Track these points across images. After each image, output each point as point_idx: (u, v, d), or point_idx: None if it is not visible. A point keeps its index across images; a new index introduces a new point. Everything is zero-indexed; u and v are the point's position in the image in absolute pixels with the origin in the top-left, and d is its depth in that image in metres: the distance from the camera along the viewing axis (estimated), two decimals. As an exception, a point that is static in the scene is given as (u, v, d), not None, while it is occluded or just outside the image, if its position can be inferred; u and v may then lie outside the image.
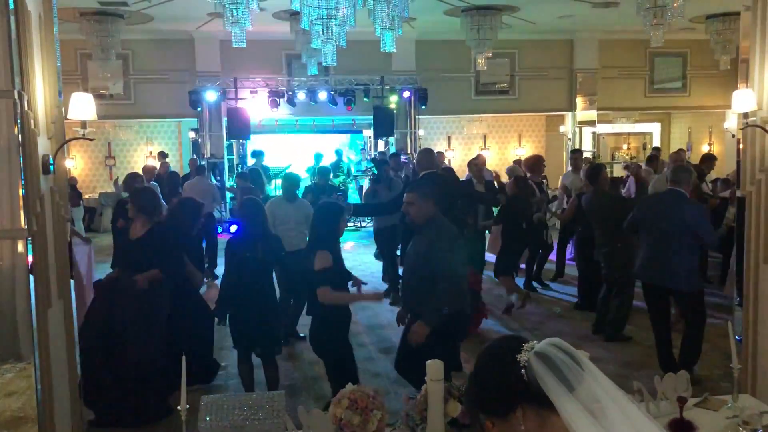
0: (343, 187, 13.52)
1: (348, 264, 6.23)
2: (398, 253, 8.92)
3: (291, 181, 7.35)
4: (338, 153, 15.00)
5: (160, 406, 5.11)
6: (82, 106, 3.87)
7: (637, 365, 6.14)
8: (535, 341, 1.59)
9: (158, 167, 13.25)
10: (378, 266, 10.11)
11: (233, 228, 8.08)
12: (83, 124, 4.64)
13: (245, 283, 4.92)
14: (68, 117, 3.98)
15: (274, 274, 5.50)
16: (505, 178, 9.43)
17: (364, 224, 14.61)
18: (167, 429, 4.96)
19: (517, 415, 1.55)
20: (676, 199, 5.45)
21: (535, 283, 9.12)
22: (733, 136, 16.62)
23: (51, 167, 3.59)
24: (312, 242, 4.65)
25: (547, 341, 1.58)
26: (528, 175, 9.04)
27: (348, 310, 4.70)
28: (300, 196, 7.91)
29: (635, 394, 2.98)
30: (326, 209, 4.74)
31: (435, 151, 7.92)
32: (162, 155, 15.49)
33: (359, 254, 11.87)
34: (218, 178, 14.43)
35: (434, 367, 2.69)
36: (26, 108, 3.19)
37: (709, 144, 17.68)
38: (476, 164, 8.82)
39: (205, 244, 10.42)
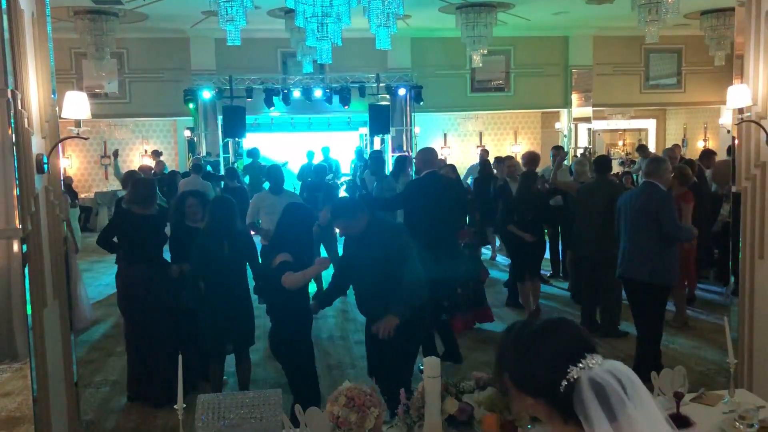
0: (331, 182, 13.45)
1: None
2: None
3: (276, 174, 7.53)
4: (325, 151, 14.93)
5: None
6: (77, 105, 3.86)
7: (633, 361, 6.14)
8: (595, 360, 1.49)
9: (153, 166, 13.22)
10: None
11: None
12: (77, 123, 4.58)
13: (215, 279, 4.89)
14: (62, 116, 3.96)
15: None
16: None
17: None
18: (164, 428, 4.95)
19: (530, 402, 1.55)
20: (646, 190, 5.48)
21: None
22: (728, 131, 16.66)
23: (45, 166, 3.58)
24: (274, 243, 4.50)
25: (607, 368, 1.48)
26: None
27: (308, 312, 4.58)
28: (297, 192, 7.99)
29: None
30: (293, 212, 4.58)
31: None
32: (156, 154, 15.45)
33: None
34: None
35: (431, 363, 2.68)
36: (20, 107, 3.18)
37: (704, 140, 17.72)
38: (509, 165, 8.75)
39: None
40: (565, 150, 13.44)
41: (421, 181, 6.28)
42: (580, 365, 1.46)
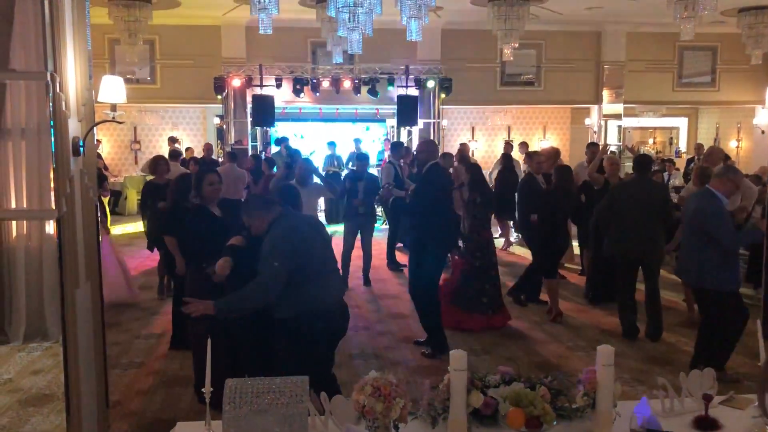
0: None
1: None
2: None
3: (306, 167, 7.83)
4: (331, 145, 14.99)
5: None
6: (113, 90, 3.90)
7: (662, 361, 6.09)
8: None
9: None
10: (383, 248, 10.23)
11: None
12: (113, 107, 4.66)
13: None
14: (98, 100, 4.01)
15: None
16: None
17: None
18: (189, 411, 5.01)
19: None
20: (702, 198, 5.44)
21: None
22: (763, 132, 16.35)
23: (81, 149, 3.63)
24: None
25: None
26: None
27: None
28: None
29: (659, 389, 2.96)
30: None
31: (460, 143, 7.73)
32: (172, 140, 15.66)
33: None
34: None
35: (457, 356, 2.68)
36: (58, 90, 3.22)
37: (738, 140, 17.41)
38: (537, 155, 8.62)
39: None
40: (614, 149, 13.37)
41: (429, 175, 6.26)
42: None
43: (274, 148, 14.13)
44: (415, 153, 7.21)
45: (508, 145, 13.54)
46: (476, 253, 7.08)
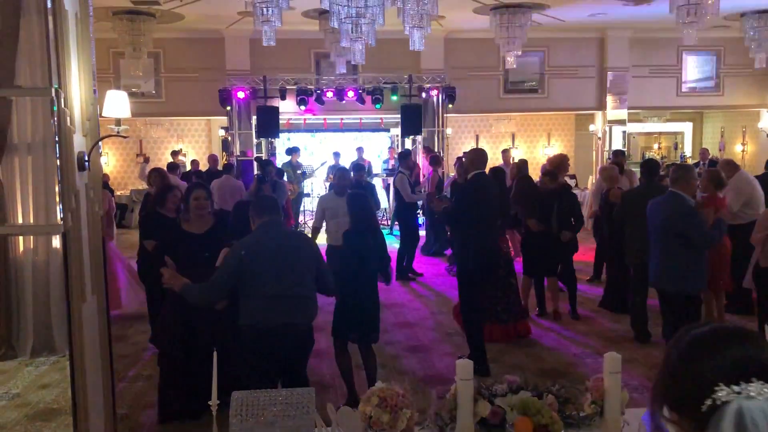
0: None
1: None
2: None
3: (343, 177, 7.93)
4: (359, 151, 15.08)
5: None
6: (117, 104, 3.92)
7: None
8: (758, 389, 1.16)
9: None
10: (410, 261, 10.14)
11: None
12: (118, 122, 4.70)
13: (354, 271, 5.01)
14: (103, 114, 4.03)
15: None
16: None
17: None
18: (197, 425, 5.00)
19: (674, 417, 1.31)
20: (671, 202, 5.48)
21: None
22: (768, 135, 16.31)
23: (86, 164, 3.64)
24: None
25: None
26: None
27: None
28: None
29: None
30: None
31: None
32: (174, 153, 15.76)
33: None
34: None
35: (464, 366, 2.68)
36: (63, 105, 3.24)
37: (743, 144, 17.35)
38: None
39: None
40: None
41: (474, 184, 6.14)
42: (736, 388, 1.16)
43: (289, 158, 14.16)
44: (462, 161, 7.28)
45: (506, 153, 13.73)
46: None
